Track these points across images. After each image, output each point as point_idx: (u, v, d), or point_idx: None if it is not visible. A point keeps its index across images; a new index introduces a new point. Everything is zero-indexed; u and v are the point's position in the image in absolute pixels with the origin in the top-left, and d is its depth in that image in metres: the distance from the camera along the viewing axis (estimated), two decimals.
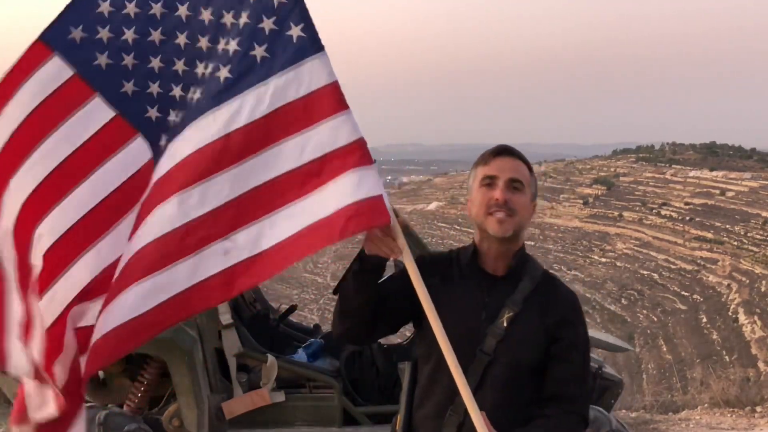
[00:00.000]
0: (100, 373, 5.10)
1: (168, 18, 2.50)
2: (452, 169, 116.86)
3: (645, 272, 62.55)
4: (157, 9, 2.48)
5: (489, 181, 2.39)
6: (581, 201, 75.88)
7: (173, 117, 2.49)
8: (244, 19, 2.46)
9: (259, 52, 2.43)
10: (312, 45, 2.41)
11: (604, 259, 66.52)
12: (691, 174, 73.51)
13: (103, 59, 2.46)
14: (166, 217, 2.40)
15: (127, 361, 5.07)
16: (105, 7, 2.45)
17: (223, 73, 2.45)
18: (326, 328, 6.28)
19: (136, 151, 2.46)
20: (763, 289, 50.61)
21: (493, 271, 2.44)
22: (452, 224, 74.04)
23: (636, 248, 66.50)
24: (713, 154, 77.96)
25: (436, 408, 2.40)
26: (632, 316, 56.44)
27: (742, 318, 48.46)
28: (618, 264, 64.74)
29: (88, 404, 4.96)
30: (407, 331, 3.87)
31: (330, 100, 2.38)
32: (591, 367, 5.40)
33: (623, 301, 59.27)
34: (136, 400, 5.06)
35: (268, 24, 2.43)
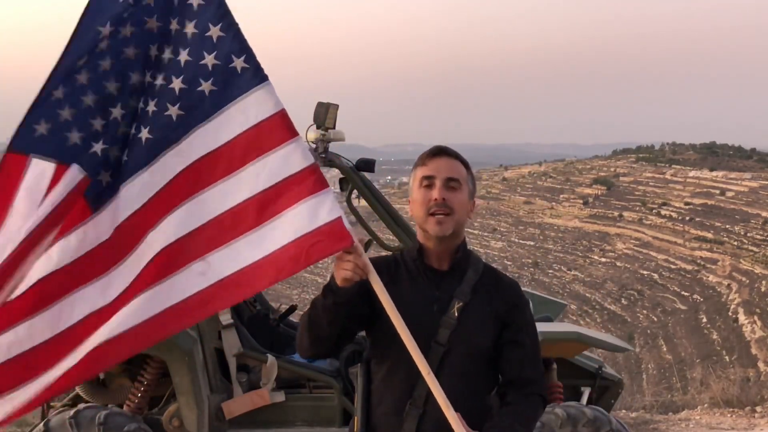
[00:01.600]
0: (101, 374, 5.10)
1: (118, 63, 2.50)
2: None
3: (645, 272, 62.60)
4: (106, 64, 2.48)
5: (427, 182, 2.48)
6: (581, 201, 75.94)
7: (119, 154, 2.52)
8: (184, 56, 2.50)
9: (206, 86, 2.48)
10: (256, 76, 2.47)
11: (604, 259, 66.57)
12: (691, 174, 73.58)
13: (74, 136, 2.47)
14: (139, 254, 2.47)
15: (127, 362, 5.07)
16: (59, 93, 2.45)
17: (174, 111, 2.49)
18: None
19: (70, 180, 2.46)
20: (763, 289, 50.63)
21: (439, 266, 2.52)
22: None
23: (636, 248, 66.54)
24: (713, 154, 78.04)
25: (395, 404, 2.46)
26: (632, 316, 56.47)
27: (742, 318, 48.50)
28: (618, 264, 64.79)
29: (88, 404, 4.97)
30: None
31: (279, 129, 2.44)
32: (591, 367, 5.44)
33: (623, 301, 59.31)
34: (136, 400, 5.06)
35: (210, 60, 2.48)
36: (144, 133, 2.52)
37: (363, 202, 5.22)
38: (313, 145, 4.98)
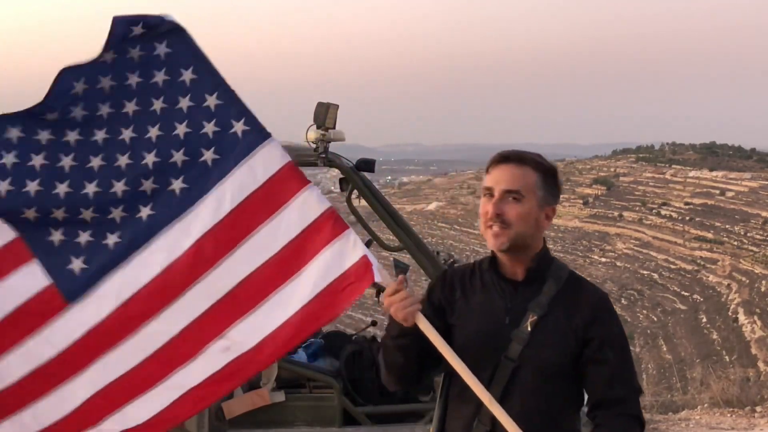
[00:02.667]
0: None
1: (111, 140, 2.49)
2: (452, 169, 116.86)
3: (645, 272, 62.56)
4: (100, 135, 2.47)
5: (487, 192, 2.36)
6: (581, 201, 75.87)
7: (114, 239, 2.48)
8: (183, 129, 2.48)
9: (208, 156, 2.47)
10: (258, 135, 2.47)
11: (604, 259, 66.53)
12: (691, 174, 73.50)
13: (30, 213, 2.43)
14: (153, 334, 2.45)
15: None
16: (37, 160, 2.42)
17: (177, 185, 2.47)
18: (326, 328, 6.27)
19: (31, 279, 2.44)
20: (763, 289, 50.62)
21: (513, 276, 2.39)
22: (452, 224, 74.07)
23: (636, 248, 66.51)
24: (713, 154, 77.93)
25: (466, 419, 2.38)
26: (632, 316, 56.42)
27: (742, 318, 48.46)
28: (618, 264, 64.75)
29: None
30: None
31: (289, 181, 2.44)
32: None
33: (623, 301, 59.24)
34: None
35: (210, 128, 2.47)
36: (144, 212, 2.48)
37: (363, 202, 5.21)
38: (313, 145, 4.98)
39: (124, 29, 2.44)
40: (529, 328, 2.31)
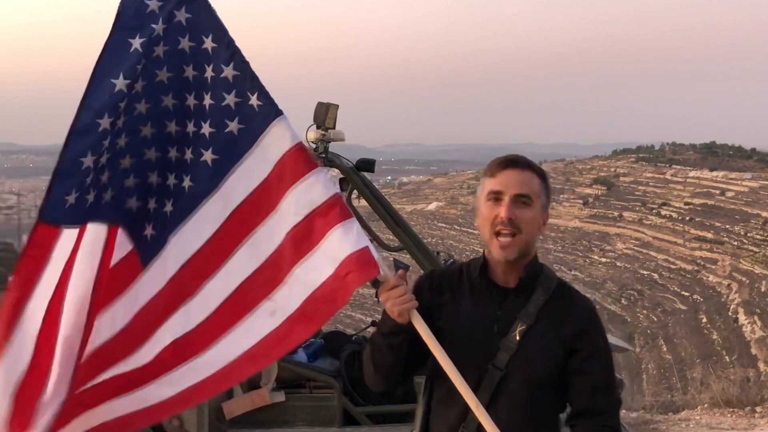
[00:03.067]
0: None
1: (131, 119, 2.48)
2: (452, 169, 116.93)
3: (645, 272, 62.55)
4: (121, 122, 2.45)
5: (495, 196, 2.30)
6: (581, 201, 75.87)
7: (168, 207, 2.54)
8: (208, 100, 2.49)
9: (233, 126, 2.48)
10: (271, 111, 2.47)
11: (604, 259, 66.52)
12: (691, 174, 73.50)
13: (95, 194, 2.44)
14: (209, 295, 2.52)
15: None
16: (88, 160, 2.39)
17: (209, 156, 2.50)
18: (326, 328, 6.27)
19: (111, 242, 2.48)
20: (763, 289, 50.61)
21: (504, 283, 2.36)
22: (452, 224, 74.06)
23: (636, 248, 66.49)
24: (713, 154, 77.94)
25: (449, 424, 2.36)
26: (632, 316, 56.43)
27: (742, 318, 48.45)
28: (618, 264, 64.74)
29: None
30: None
31: (299, 163, 2.44)
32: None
33: (623, 301, 59.26)
34: None
35: (231, 99, 2.47)
36: (186, 182, 2.53)
37: (363, 202, 5.21)
38: (313, 145, 4.98)
39: (138, 6, 2.44)
40: (517, 338, 2.30)
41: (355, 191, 5.14)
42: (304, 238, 2.42)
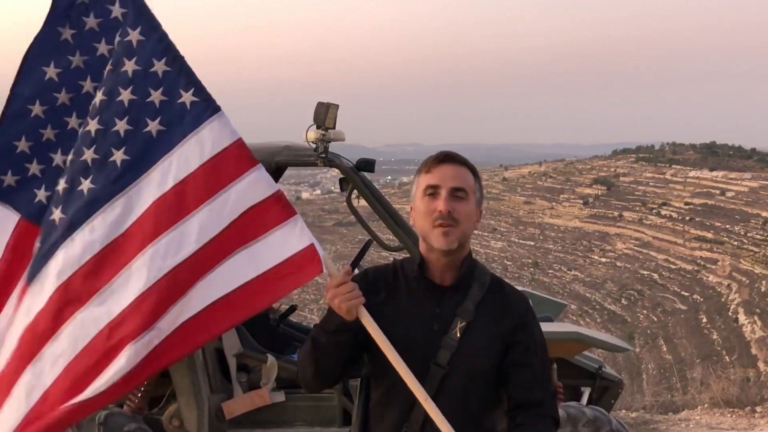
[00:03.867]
0: None
1: (52, 110, 2.46)
2: None
3: (645, 272, 62.56)
4: (37, 109, 2.42)
5: (432, 191, 2.32)
6: (581, 201, 75.89)
7: (59, 214, 2.39)
8: (127, 95, 2.38)
9: (153, 126, 2.36)
10: (207, 108, 2.36)
11: (604, 259, 66.53)
12: (691, 174, 73.52)
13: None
14: (89, 319, 2.34)
15: None
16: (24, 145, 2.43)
17: (119, 156, 2.36)
18: None
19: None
20: (763, 289, 50.63)
21: (441, 281, 2.37)
22: None
23: (636, 248, 66.50)
24: (713, 154, 77.96)
25: (393, 425, 2.35)
26: (632, 316, 56.45)
27: (742, 318, 48.48)
28: (618, 264, 64.75)
29: None
30: None
31: (238, 160, 2.34)
32: (591, 367, 5.43)
33: (623, 301, 59.28)
34: (136, 400, 5.06)
35: (157, 96, 2.36)
36: (86, 184, 2.37)
37: (363, 202, 5.21)
38: (313, 145, 4.98)
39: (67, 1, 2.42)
40: (458, 335, 2.32)
41: (355, 191, 5.14)
42: (235, 237, 2.32)
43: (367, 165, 5.25)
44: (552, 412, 2.39)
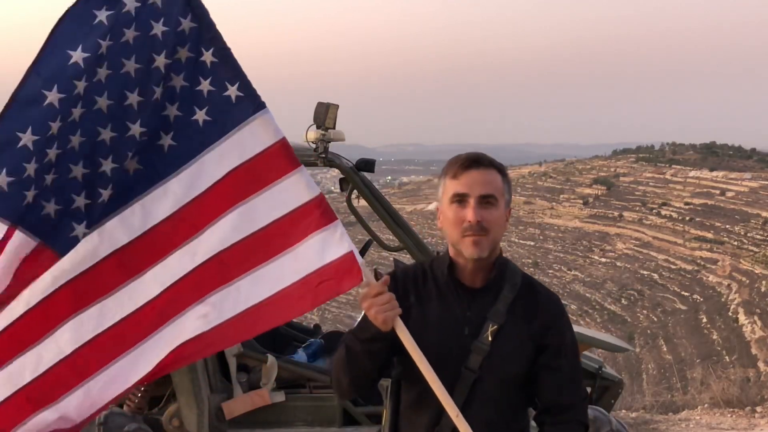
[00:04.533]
0: None
1: (114, 105, 2.31)
2: None
3: (645, 272, 62.52)
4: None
5: (459, 198, 2.26)
6: (581, 201, 75.82)
7: (108, 192, 2.31)
8: (180, 81, 2.33)
9: (200, 116, 2.32)
10: (252, 104, 2.31)
11: (604, 259, 66.48)
12: (691, 174, 73.46)
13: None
14: (135, 293, 2.32)
15: None
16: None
17: (167, 141, 2.33)
18: (326, 328, 6.27)
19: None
20: (763, 289, 50.60)
21: (471, 283, 2.33)
22: None
23: (636, 248, 66.46)
24: (713, 154, 77.86)
25: (422, 429, 2.32)
26: (632, 316, 56.41)
27: (742, 318, 48.44)
28: (618, 264, 64.70)
29: None
30: None
31: (280, 160, 2.30)
32: (591, 367, 5.43)
33: (623, 301, 59.23)
34: (136, 400, 5.06)
35: (205, 86, 2.32)
36: (133, 163, 2.32)
37: (363, 202, 5.21)
38: (313, 145, 4.98)
39: None
40: (489, 339, 2.27)
41: (355, 191, 5.14)
42: (276, 239, 2.28)
43: (367, 165, 5.26)
44: (581, 417, 2.35)
